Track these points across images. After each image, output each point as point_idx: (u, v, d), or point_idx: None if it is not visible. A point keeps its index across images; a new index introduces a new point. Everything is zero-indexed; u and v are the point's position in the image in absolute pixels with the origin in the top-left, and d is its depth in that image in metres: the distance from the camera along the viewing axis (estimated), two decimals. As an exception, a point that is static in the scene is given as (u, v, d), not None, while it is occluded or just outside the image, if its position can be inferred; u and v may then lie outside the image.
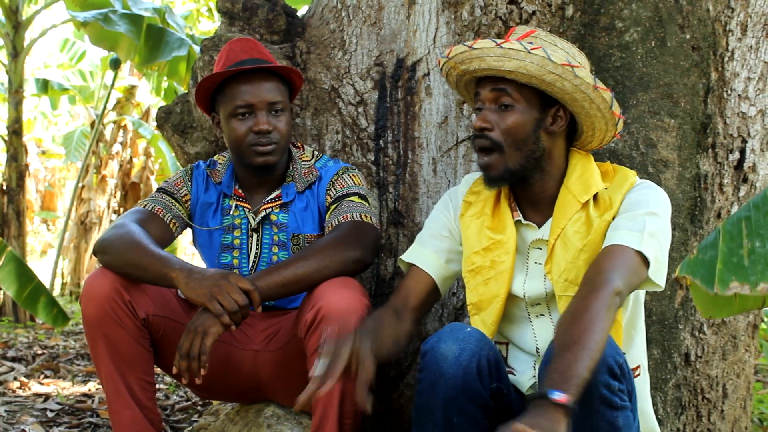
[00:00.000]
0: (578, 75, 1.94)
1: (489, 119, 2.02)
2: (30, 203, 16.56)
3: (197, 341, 2.09)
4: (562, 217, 2.03)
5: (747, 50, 2.61)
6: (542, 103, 2.01)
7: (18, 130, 7.70)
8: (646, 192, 2.02)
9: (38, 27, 12.55)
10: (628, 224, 1.94)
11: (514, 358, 2.17)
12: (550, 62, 1.93)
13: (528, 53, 1.93)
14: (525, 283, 2.10)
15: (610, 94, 1.98)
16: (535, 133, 2.02)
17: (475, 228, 2.13)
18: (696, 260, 1.52)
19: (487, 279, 2.10)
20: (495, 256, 2.09)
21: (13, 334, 6.56)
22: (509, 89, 2.00)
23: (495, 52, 1.98)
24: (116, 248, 2.27)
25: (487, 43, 1.99)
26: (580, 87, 1.96)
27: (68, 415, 3.82)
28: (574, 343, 1.70)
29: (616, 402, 1.76)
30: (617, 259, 1.89)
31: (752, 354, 2.80)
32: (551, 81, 1.95)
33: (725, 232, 1.52)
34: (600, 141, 2.11)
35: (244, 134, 2.38)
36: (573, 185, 2.04)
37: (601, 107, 2.00)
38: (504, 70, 1.98)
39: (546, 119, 2.02)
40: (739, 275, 1.45)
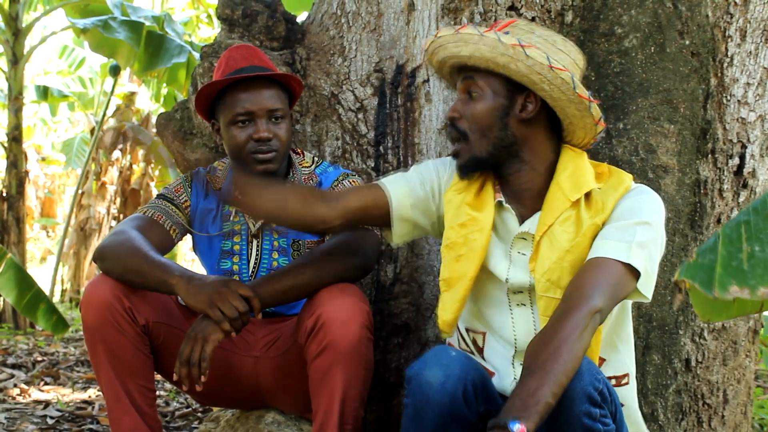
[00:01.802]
0: (529, 55, 1.89)
1: (457, 108, 2.02)
2: (30, 210, 16.57)
3: (197, 348, 2.09)
4: (549, 213, 1.98)
5: (746, 56, 2.62)
6: (509, 90, 1.98)
7: (18, 137, 7.71)
8: (640, 198, 1.97)
9: (38, 34, 12.57)
10: (617, 234, 1.90)
11: (492, 350, 2.11)
12: (500, 44, 1.90)
13: (481, 37, 1.92)
14: (509, 270, 2.04)
15: (569, 75, 1.91)
16: (503, 120, 1.99)
17: (456, 203, 2.08)
18: (695, 264, 1.52)
19: (459, 255, 2.04)
20: (469, 233, 2.04)
21: (13, 340, 6.56)
22: (475, 77, 1.99)
23: (452, 39, 1.98)
24: (116, 255, 2.27)
25: (447, 31, 2.00)
26: (534, 68, 1.90)
27: (68, 422, 3.82)
28: (539, 368, 1.68)
29: (599, 428, 1.73)
30: (600, 273, 1.85)
31: (753, 359, 2.80)
32: (505, 63, 1.92)
33: (725, 236, 1.52)
34: (584, 132, 2.03)
35: (244, 142, 2.39)
36: (564, 182, 1.99)
37: (562, 89, 1.93)
38: (462, 55, 1.98)
39: (515, 106, 1.99)
40: (738, 279, 1.45)
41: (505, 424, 1.59)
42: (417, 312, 2.65)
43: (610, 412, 1.77)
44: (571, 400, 1.69)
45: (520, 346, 2.04)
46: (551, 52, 1.94)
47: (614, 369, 2.06)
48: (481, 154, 2.01)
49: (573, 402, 1.69)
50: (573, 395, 1.69)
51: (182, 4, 13.19)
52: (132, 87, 11.21)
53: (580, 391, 1.70)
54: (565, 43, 2.02)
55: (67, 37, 10.92)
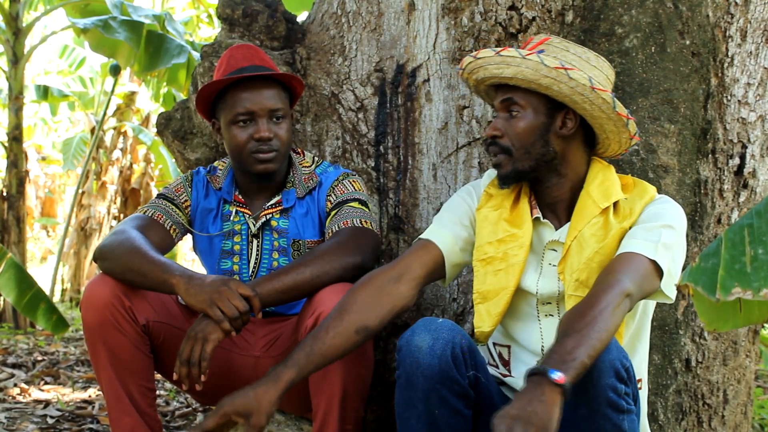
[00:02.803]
0: (572, 77, 1.97)
1: (499, 126, 2.09)
2: (30, 209, 16.57)
3: (197, 347, 2.09)
4: (580, 220, 2.06)
5: (747, 56, 2.62)
6: (550, 108, 2.06)
7: (18, 137, 7.71)
8: (665, 206, 2.05)
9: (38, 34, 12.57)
10: (643, 234, 1.98)
11: (517, 360, 2.16)
12: (544, 66, 1.98)
13: (523, 59, 2.00)
14: (539, 281, 2.11)
15: (610, 95, 2.00)
16: (544, 137, 2.06)
17: (493, 219, 2.15)
18: (698, 268, 1.52)
19: (498, 270, 2.11)
20: (508, 249, 2.11)
21: (13, 340, 6.56)
22: (516, 96, 2.06)
23: (494, 60, 2.06)
24: (116, 254, 2.27)
25: (488, 53, 2.07)
26: (577, 89, 1.99)
27: (68, 421, 3.82)
28: (576, 332, 1.73)
29: (623, 405, 1.77)
30: (630, 264, 1.92)
31: (753, 359, 2.80)
32: (548, 84, 2.00)
33: (727, 239, 1.52)
34: (618, 145, 2.12)
35: (244, 141, 2.39)
36: (594, 191, 2.07)
37: (603, 108, 2.02)
38: (504, 76, 2.05)
39: (555, 123, 2.06)
40: (741, 281, 1.45)
41: (545, 370, 1.64)
42: (417, 312, 2.65)
43: (633, 394, 1.80)
44: (600, 371, 1.74)
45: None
46: (586, 69, 2.03)
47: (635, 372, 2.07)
48: (523, 168, 2.08)
49: (601, 374, 1.74)
50: (602, 367, 1.74)
51: (182, 3, 13.18)
52: (132, 87, 11.20)
53: (608, 365, 1.74)
54: (598, 60, 2.11)
55: (67, 36, 10.92)
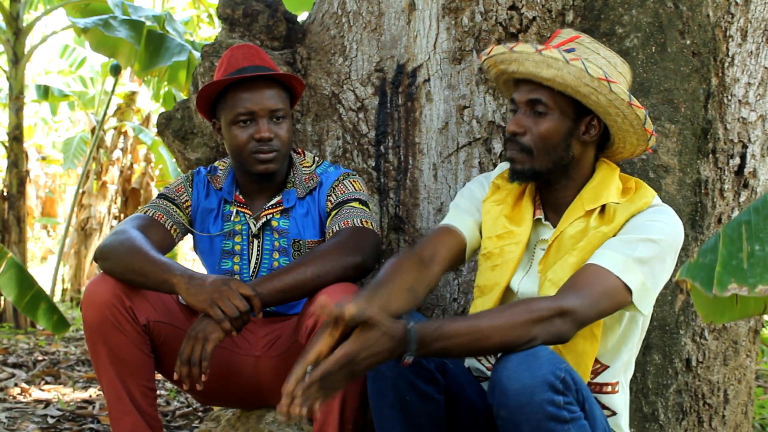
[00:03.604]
0: (614, 90, 1.94)
1: (522, 123, 2.04)
2: (30, 209, 16.58)
3: (198, 347, 2.09)
4: (565, 221, 2.06)
5: (747, 56, 2.62)
6: (576, 112, 2.02)
7: (18, 137, 7.71)
8: (655, 217, 1.99)
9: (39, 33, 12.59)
10: (618, 246, 1.94)
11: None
12: (588, 75, 1.93)
13: (566, 63, 1.94)
14: (522, 280, 2.11)
15: (644, 112, 1.98)
16: (566, 141, 2.03)
17: (494, 214, 2.15)
18: (696, 264, 1.52)
19: (494, 266, 2.11)
20: (505, 245, 2.11)
21: (13, 340, 6.56)
22: (545, 96, 2.01)
23: (534, 58, 1.98)
24: (117, 254, 2.27)
25: (528, 48, 2.00)
26: (615, 102, 1.96)
27: (69, 421, 3.82)
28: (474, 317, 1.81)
29: (564, 415, 1.73)
30: (591, 279, 1.89)
31: (753, 359, 2.80)
32: (586, 93, 1.96)
33: (725, 236, 1.52)
34: (631, 153, 2.12)
35: (245, 141, 2.39)
36: (587, 193, 2.06)
37: (633, 123, 2.00)
38: (541, 76, 1.99)
39: (579, 128, 2.04)
40: (738, 277, 1.45)
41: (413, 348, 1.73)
42: (417, 312, 2.65)
43: (577, 400, 1.77)
44: (532, 389, 1.71)
45: None
46: (615, 76, 2.00)
47: (613, 376, 2.07)
48: (541, 169, 2.05)
49: (534, 391, 1.71)
50: (533, 384, 1.71)
51: (183, 3, 13.19)
52: (133, 86, 11.21)
53: (540, 380, 1.71)
54: (624, 66, 2.09)
55: (67, 36, 10.92)
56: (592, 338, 1.97)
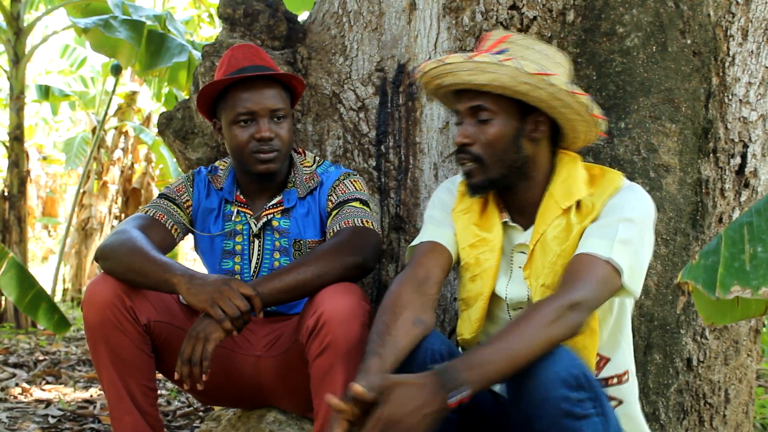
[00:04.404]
0: (552, 83, 1.92)
1: (468, 133, 2.02)
2: (31, 209, 16.58)
3: (199, 347, 2.09)
4: (542, 222, 2.03)
5: (748, 55, 2.62)
6: (521, 112, 2.00)
7: (19, 137, 7.72)
8: (626, 197, 2.00)
9: (39, 33, 12.59)
10: (599, 232, 1.93)
11: None
12: (523, 73, 1.92)
13: (500, 65, 1.92)
14: (508, 286, 2.10)
15: (588, 98, 1.97)
16: (516, 142, 2.01)
17: (463, 223, 2.13)
18: (698, 266, 1.52)
19: (473, 276, 2.10)
20: (480, 254, 2.09)
21: (14, 340, 6.57)
22: (486, 102, 1.99)
23: (467, 66, 1.97)
24: (118, 254, 2.27)
25: (458, 58, 1.99)
26: (556, 94, 1.94)
27: (70, 421, 3.82)
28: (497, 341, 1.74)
29: (578, 412, 1.73)
30: (584, 269, 1.88)
31: (754, 359, 2.80)
32: (526, 91, 1.94)
33: (727, 237, 1.52)
34: (585, 141, 2.09)
35: (245, 141, 2.39)
36: (556, 190, 2.04)
37: (579, 111, 1.98)
38: (477, 83, 1.97)
39: (526, 127, 2.02)
40: (740, 279, 1.45)
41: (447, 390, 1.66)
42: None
43: (591, 398, 1.76)
44: (546, 385, 1.71)
45: None
46: (553, 68, 1.98)
47: (616, 367, 2.07)
48: (495, 176, 2.03)
49: (548, 387, 1.71)
50: (548, 380, 1.71)
51: (183, 3, 13.19)
52: (133, 86, 11.22)
53: (555, 377, 1.71)
54: (559, 55, 2.07)
55: (68, 36, 10.93)
56: (591, 333, 1.96)
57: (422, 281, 2.05)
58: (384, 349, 1.85)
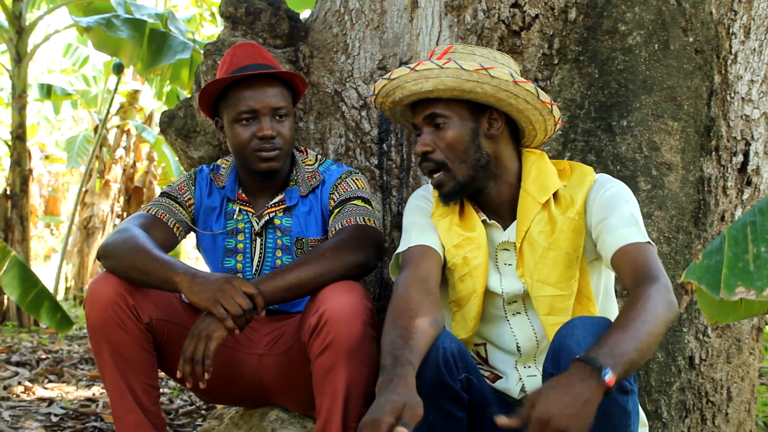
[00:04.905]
0: (494, 75, 1.98)
1: (428, 141, 2.07)
2: (33, 208, 16.58)
3: (201, 345, 2.09)
4: (524, 219, 2.06)
5: (750, 53, 2.61)
6: (473, 111, 2.06)
7: (21, 135, 7.73)
8: (608, 185, 2.04)
9: (41, 32, 12.60)
10: (622, 222, 1.97)
11: (495, 357, 2.17)
12: (464, 71, 1.98)
13: (441, 68, 1.99)
14: (502, 281, 2.11)
15: (533, 85, 2.01)
16: (475, 142, 2.06)
17: (445, 226, 2.15)
18: (701, 265, 1.52)
19: (462, 275, 2.11)
20: (467, 253, 2.11)
21: (17, 338, 6.58)
22: (438, 108, 2.05)
23: (411, 77, 2.04)
24: (120, 253, 2.27)
25: (402, 71, 2.06)
26: (500, 86, 1.99)
27: (72, 419, 3.82)
28: (621, 326, 1.71)
29: (627, 386, 1.76)
30: (643, 256, 1.91)
31: (757, 357, 2.80)
32: (470, 88, 2.00)
33: (730, 237, 1.52)
34: (544, 133, 2.13)
35: (247, 140, 2.38)
36: (531, 187, 2.07)
37: (528, 99, 2.02)
38: (424, 91, 2.03)
39: (482, 125, 2.07)
40: (744, 280, 1.45)
41: (600, 367, 1.62)
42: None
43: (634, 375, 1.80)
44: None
45: (524, 350, 2.13)
46: (497, 66, 2.03)
47: None
48: (464, 179, 2.07)
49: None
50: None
51: (185, 1, 13.19)
52: (135, 85, 11.22)
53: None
54: (504, 57, 2.12)
55: (70, 35, 10.94)
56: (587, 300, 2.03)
57: (424, 281, 2.06)
58: (413, 358, 1.83)
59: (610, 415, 1.75)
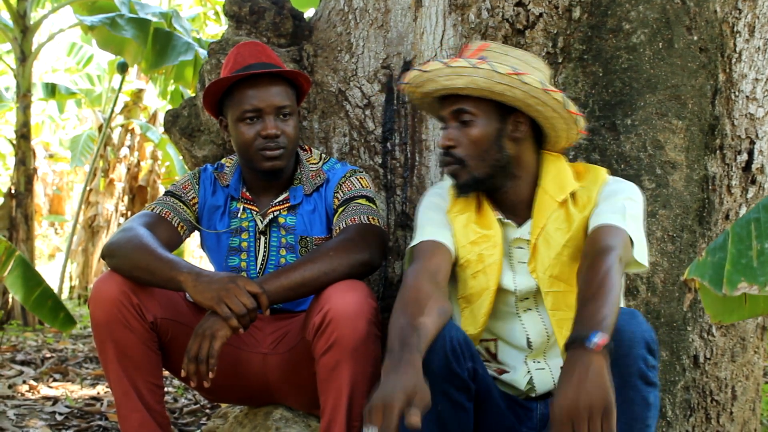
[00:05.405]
0: (526, 81, 2.01)
1: (452, 136, 2.11)
2: (38, 207, 16.62)
3: (205, 344, 2.10)
4: (541, 216, 2.10)
5: (755, 51, 2.61)
6: (501, 113, 2.09)
7: (26, 134, 7.73)
8: (621, 184, 2.12)
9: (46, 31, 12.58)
10: (609, 208, 2.03)
11: (504, 353, 2.19)
12: (496, 74, 2.01)
13: (475, 69, 2.02)
14: (515, 279, 2.14)
15: (561, 95, 2.05)
16: (498, 142, 2.10)
17: (461, 223, 2.18)
18: (705, 262, 1.52)
19: (476, 272, 2.14)
20: (483, 250, 2.13)
21: (21, 337, 6.59)
22: (467, 105, 2.09)
23: (444, 72, 2.07)
24: (124, 252, 2.27)
25: (437, 65, 2.09)
26: (530, 92, 2.03)
27: (77, 418, 3.83)
28: (592, 297, 1.78)
29: (651, 378, 1.80)
30: (610, 234, 1.96)
31: (761, 356, 2.80)
32: (501, 91, 2.03)
33: (734, 234, 1.52)
34: (567, 140, 2.17)
35: (252, 138, 2.39)
36: (548, 186, 2.12)
37: (555, 108, 2.06)
38: (456, 87, 2.07)
39: (507, 127, 2.10)
40: (748, 276, 1.45)
41: (585, 336, 1.68)
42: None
43: (656, 367, 1.84)
44: (632, 341, 1.78)
45: (535, 345, 2.15)
46: (530, 71, 2.07)
47: None
48: (480, 175, 2.11)
49: (633, 344, 1.78)
50: (633, 338, 1.78)
51: (189, 0, 13.20)
52: (139, 84, 11.23)
53: (640, 336, 1.79)
54: (537, 61, 2.16)
55: (74, 34, 10.95)
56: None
57: (434, 274, 2.08)
58: (421, 344, 1.85)
59: (632, 404, 1.79)
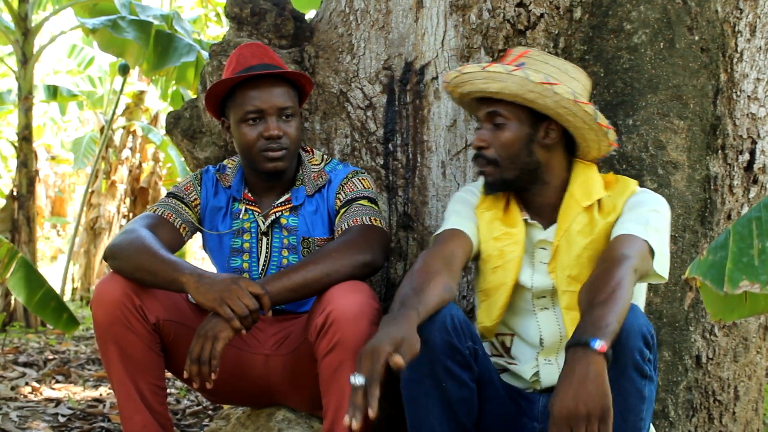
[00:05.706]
0: (557, 92, 2.06)
1: (485, 138, 2.17)
2: (40, 209, 16.62)
3: (208, 346, 2.10)
4: (565, 219, 2.15)
5: (756, 51, 2.61)
6: (532, 119, 2.14)
7: (28, 136, 7.74)
8: (647, 195, 2.15)
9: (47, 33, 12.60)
10: (633, 218, 2.07)
11: (518, 348, 2.24)
12: (529, 82, 2.06)
13: (510, 75, 2.08)
14: (533, 276, 2.19)
15: (593, 107, 2.09)
16: (528, 147, 2.15)
17: (488, 218, 2.23)
18: (706, 261, 1.52)
19: (495, 267, 2.19)
20: (504, 246, 2.19)
21: (24, 339, 6.59)
22: (501, 108, 2.14)
23: (481, 76, 2.13)
24: (126, 253, 2.27)
25: (474, 68, 2.15)
26: (561, 103, 2.07)
27: (80, 420, 3.83)
28: (601, 303, 1.80)
29: (646, 371, 1.83)
30: (629, 244, 1.99)
31: (764, 356, 2.80)
32: (533, 98, 2.08)
33: (735, 232, 1.52)
34: (597, 151, 2.20)
35: (254, 140, 2.39)
36: (576, 191, 2.17)
37: (585, 120, 2.10)
38: (490, 91, 2.12)
39: (538, 133, 2.15)
40: (749, 274, 1.45)
41: (587, 341, 1.71)
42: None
43: (652, 360, 1.87)
44: (628, 333, 1.80)
45: (547, 344, 2.20)
46: (566, 81, 2.12)
47: None
48: (509, 178, 2.17)
49: (629, 336, 1.81)
50: (630, 330, 1.81)
51: (191, 2, 13.21)
52: (141, 86, 11.24)
53: (637, 329, 1.82)
54: (576, 71, 2.20)
55: (76, 36, 10.95)
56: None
57: (448, 257, 2.13)
58: (420, 307, 1.90)
59: (626, 395, 1.81)
